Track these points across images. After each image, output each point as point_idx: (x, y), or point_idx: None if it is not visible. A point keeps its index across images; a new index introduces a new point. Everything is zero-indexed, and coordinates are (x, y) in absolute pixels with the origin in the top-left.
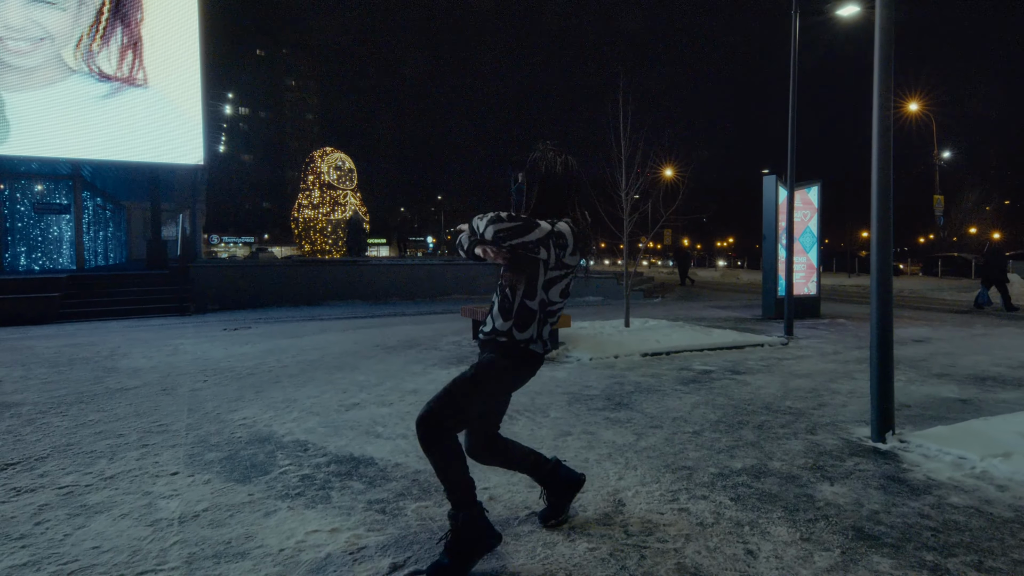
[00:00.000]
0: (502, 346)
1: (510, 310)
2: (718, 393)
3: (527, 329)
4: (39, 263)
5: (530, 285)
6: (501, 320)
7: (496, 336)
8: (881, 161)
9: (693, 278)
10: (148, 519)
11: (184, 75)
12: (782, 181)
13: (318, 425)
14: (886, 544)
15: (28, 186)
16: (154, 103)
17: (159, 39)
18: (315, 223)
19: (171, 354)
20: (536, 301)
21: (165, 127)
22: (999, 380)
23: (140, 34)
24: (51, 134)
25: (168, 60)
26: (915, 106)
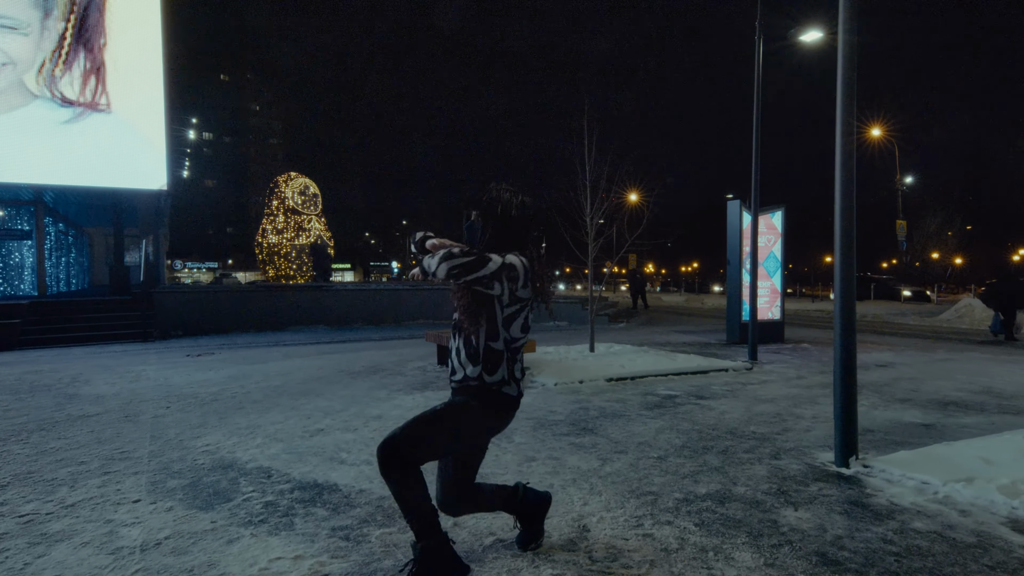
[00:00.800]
0: (474, 390)
1: (476, 355)
2: (682, 418)
3: (497, 371)
4: (0, 289)
5: (491, 325)
6: (471, 367)
7: (467, 382)
8: (844, 186)
9: (647, 302)
10: (109, 547)
11: (147, 100)
12: (746, 206)
13: (282, 451)
14: (849, 570)
15: None
16: (117, 128)
17: (122, 64)
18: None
19: (134, 380)
20: (500, 341)
21: (128, 152)
22: (962, 405)
23: (103, 59)
24: (13, 159)
25: (131, 85)
26: (878, 131)
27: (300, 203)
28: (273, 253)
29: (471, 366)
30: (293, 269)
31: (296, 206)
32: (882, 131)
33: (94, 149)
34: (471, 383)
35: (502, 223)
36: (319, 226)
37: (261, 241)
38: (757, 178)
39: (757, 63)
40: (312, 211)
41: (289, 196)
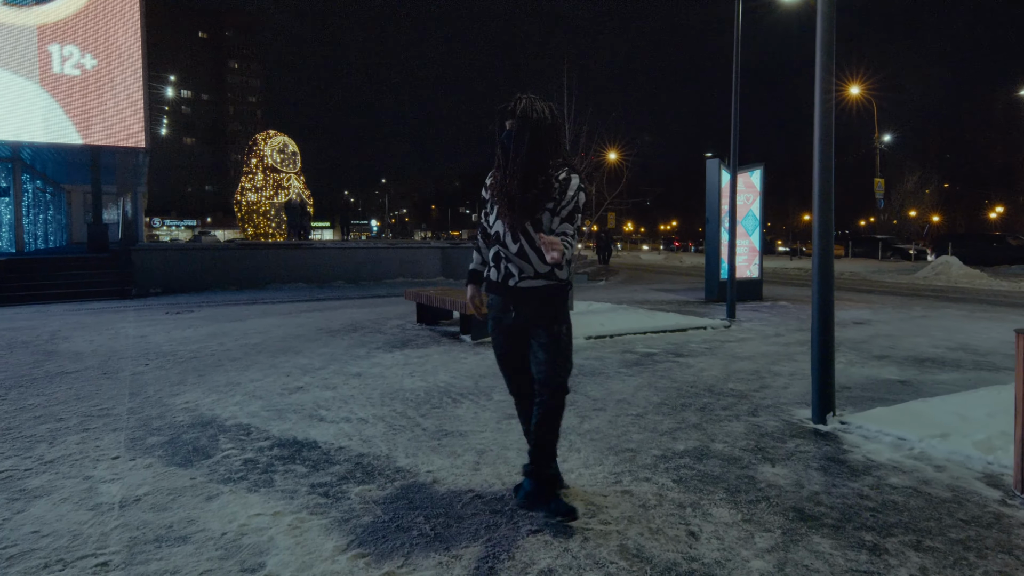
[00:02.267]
0: (551, 290)
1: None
2: (661, 376)
3: (565, 268)
4: None
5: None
6: (541, 263)
7: (541, 279)
8: (822, 144)
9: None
10: (89, 503)
11: (125, 58)
12: (725, 164)
13: (261, 409)
14: (826, 524)
15: None
16: (95, 86)
17: (100, 21)
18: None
19: (112, 338)
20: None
21: (106, 110)
22: (938, 361)
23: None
24: None
25: (109, 42)
26: (856, 90)
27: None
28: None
29: (540, 262)
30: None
31: (275, 164)
32: (861, 89)
33: (72, 106)
34: (541, 281)
35: (541, 131)
36: (298, 184)
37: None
38: (736, 137)
39: (737, 22)
40: (291, 169)
41: (268, 154)
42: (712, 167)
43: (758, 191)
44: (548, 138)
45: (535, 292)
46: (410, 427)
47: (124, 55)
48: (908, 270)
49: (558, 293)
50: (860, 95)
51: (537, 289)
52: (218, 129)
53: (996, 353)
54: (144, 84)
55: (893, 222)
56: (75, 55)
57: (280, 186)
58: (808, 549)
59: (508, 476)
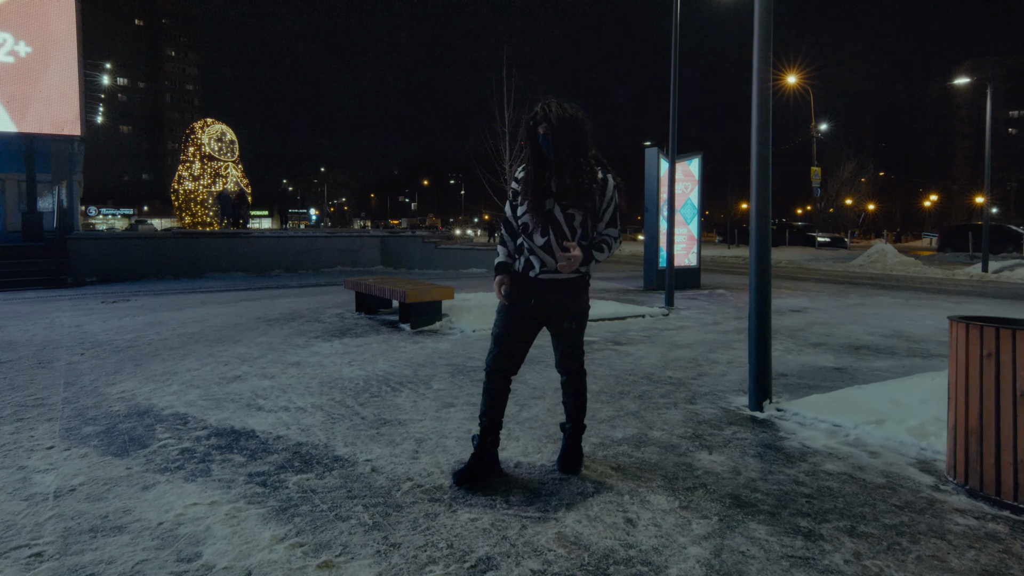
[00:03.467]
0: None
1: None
2: (600, 364)
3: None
4: None
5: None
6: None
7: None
8: (760, 133)
9: None
10: (23, 493)
11: (60, 45)
12: (664, 153)
13: (199, 398)
14: (762, 511)
15: None
16: (29, 74)
17: (35, 8)
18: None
19: (48, 327)
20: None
21: (41, 97)
22: (873, 349)
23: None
24: None
25: (44, 29)
26: (794, 79)
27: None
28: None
29: None
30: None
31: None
32: (798, 78)
33: (5, 94)
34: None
35: (574, 132)
36: (236, 173)
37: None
38: (674, 125)
39: (675, 9)
40: (229, 158)
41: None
42: (651, 156)
43: (696, 180)
44: (584, 138)
45: (557, 284)
46: (349, 416)
47: (59, 42)
48: (844, 258)
49: (581, 286)
50: (797, 84)
51: (559, 281)
52: (155, 117)
53: (930, 340)
54: (79, 71)
55: (830, 210)
56: (9, 42)
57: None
58: (744, 535)
59: (447, 464)
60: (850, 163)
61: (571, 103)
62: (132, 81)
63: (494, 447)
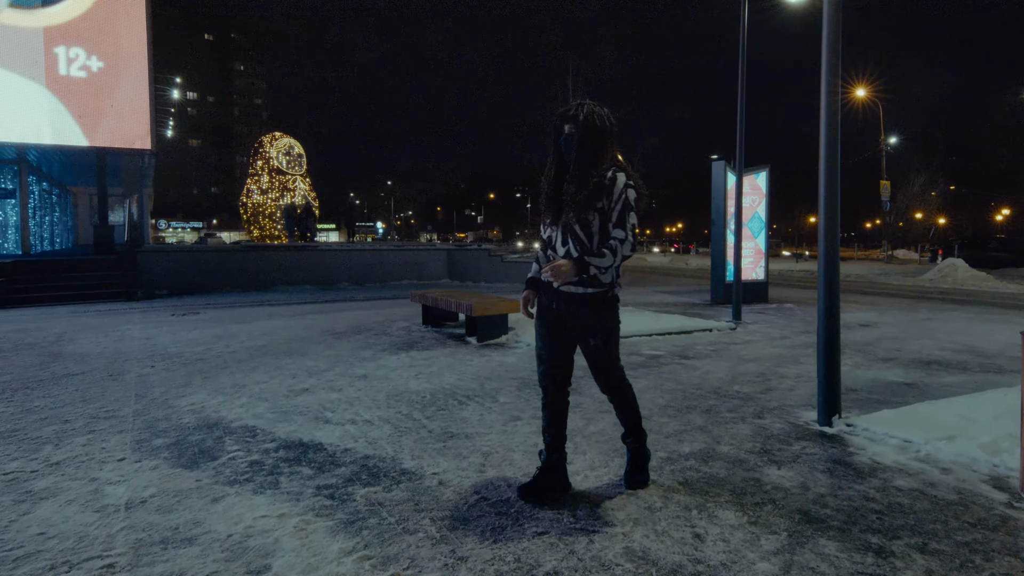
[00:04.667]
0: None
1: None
2: (667, 378)
3: (607, 272)
4: None
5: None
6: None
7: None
8: (828, 147)
9: None
10: (95, 505)
11: (131, 59)
12: (731, 166)
13: (267, 411)
14: (832, 527)
15: None
16: (101, 88)
17: (106, 24)
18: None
19: (118, 340)
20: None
21: (112, 112)
22: (944, 364)
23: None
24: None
25: (115, 44)
26: (862, 92)
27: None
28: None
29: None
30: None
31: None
32: (867, 91)
33: (78, 108)
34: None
35: (600, 137)
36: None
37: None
38: (742, 138)
39: (743, 22)
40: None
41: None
42: (718, 169)
43: (764, 193)
44: (605, 141)
45: (575, 298)
46: (416, 429)
47: (130, 57)
48: (914, 272)
49: (602, 301)
50: (866, 97)
51: (579, 295)
52: (224, 131)
53: (1002, 355)
54: (150, 86)
55: (899, 224)
56: (81, 57)
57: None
58: (814, 551)
59: (514, 478)
60: (920, 176)
61: (603, 107)
62: (201, 95)
63: (561, 462)
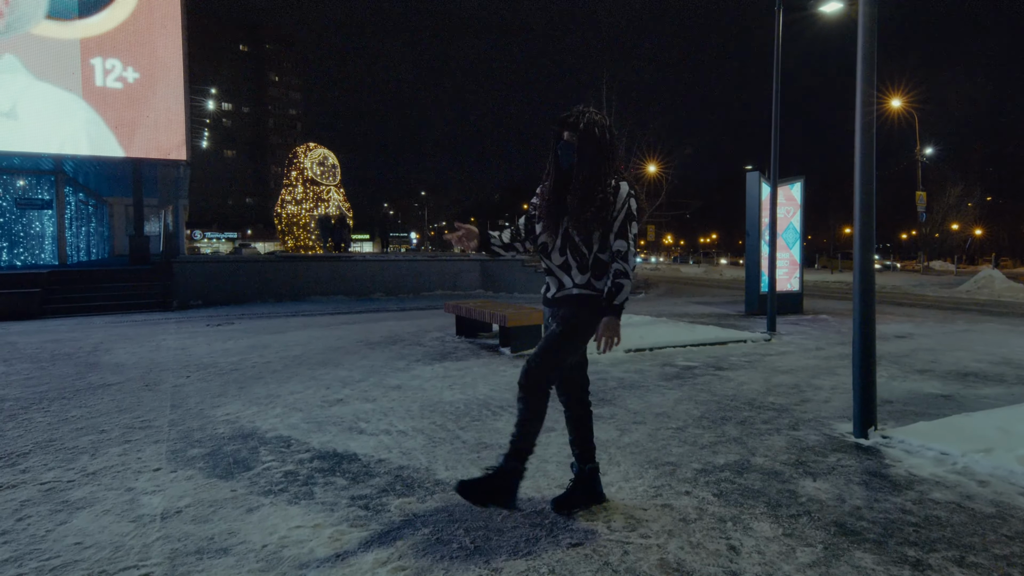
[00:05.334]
0: (581, 299)
1: (587, 265)
2: (701, 389)
3: (602, 279)
4: (21, 258)
5: (603, 240)
6: (580, 275)
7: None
8: (864, 157)
9: None
10: (131, 515)
11: (167, 71)
12: (765, 177)
13: (301, 421)
14: (868, 539)
15: (10, 181)
16: (137, 99)
17: (143, 35)
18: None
19: (154, 350)
20: (607, 254)
21: (148, 123)
22: (980, 376)
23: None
24: (33, 129)
25: (151, 56)
26: (898, 102)
27: (319, 174)
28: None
29: (579, 275)
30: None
31: (315, 177)
32: (902, 102)
33: (114, 120)
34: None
35: (603, 146)
36: (338, 197)
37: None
38: (776, 149)
39: (777, 33)
40: (331, 182)
41: (308, 167)
42: (752, 180)
43: (798, 204)
44: (608, 153)
45: (566, 300)
46: (450, 440)
47: (166, 68)
48: (950, 284)
49: (585, 302)
50: (902, 107)
51: (572, 296)
52: (258, 142)
53: None
54: (185, 97)
55: (935, 235)
56: (117, 68)
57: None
58: (850, 564)
59: (548, 489)
60: (956, 187)
61: (604, 116)
62: (236, 106)
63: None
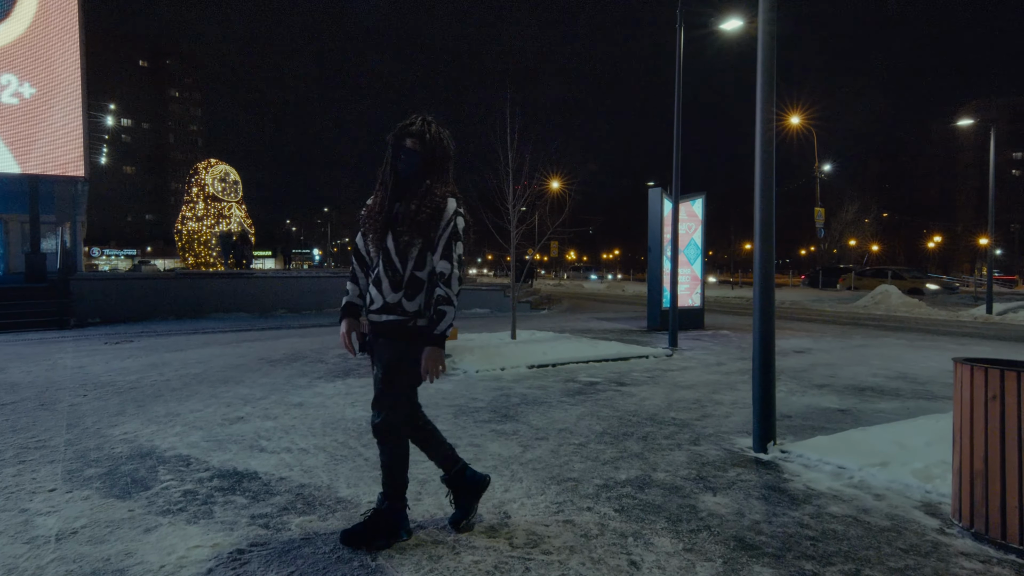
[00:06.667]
0: (392, 330)
1: (400, 281)
2: (603, 405)
3: (415, 299)
4: None
5: (421, 257)
6: (391, 293)
7: (386, 313)
8: (764, 174)
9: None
10: (24, 536)
11: (65, 86)
12: (667, 193)
13: (201, 439)
14: (767, 554)
15: None
16: (34, 115)
17: (39, 50)
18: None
19: (50, 368)
20: (425, 272)
21: (45, 138)
22: (877, 390)
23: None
24: None
25: (48, 71)
26: (797, 119)
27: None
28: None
29: (391, 292)
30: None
31: (216, 193)
32: (801, 119)
33: (10, 135)
34: (388, 315)
35: (436, 154)
36: (240, 213)
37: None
38: (678, 166)
39: (678, 51)
40: (232, 198)
41: (209, 183)
42: (654, 196)
43: (700, 220)
44: (448, 164)
45: (381, 327)
46: (352, 457)
47: (63, 84)
48: (848, 299)
49: (400, 332)
50: (801, 124)
51: (382, 324)
52: (159, 157)
53: (935, 382)
54: (83, 113)
55: (833, 251)
56: (13, 84)
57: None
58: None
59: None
60: (853, 204)
61: (445, 128)
62: (136, 122)
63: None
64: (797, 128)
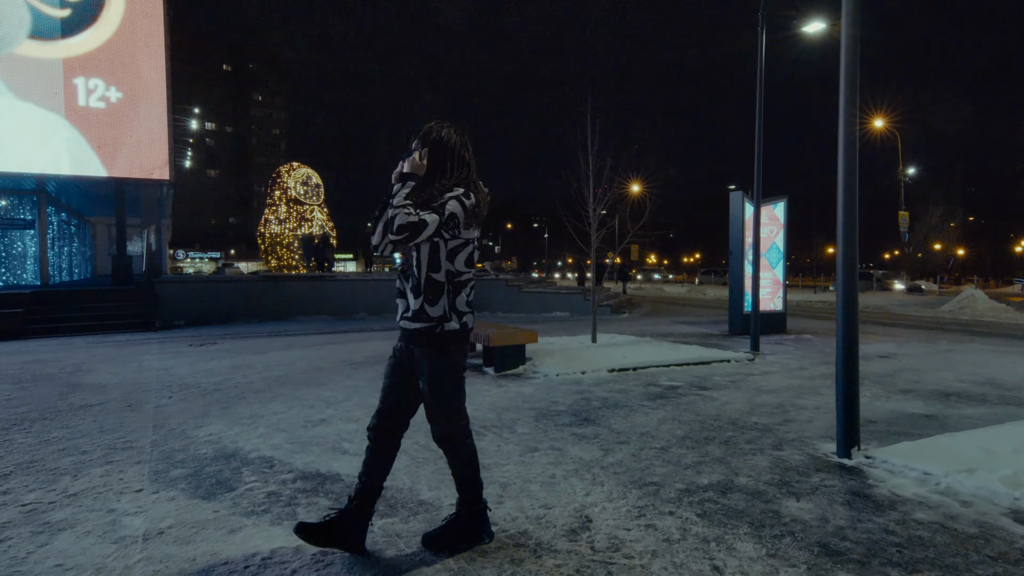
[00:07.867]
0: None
1: (419, 286)
2: (684, 409)
3: (437, 303)
4: (2, 279)
5: (433, 258)
6: (414, 299)
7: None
8: (847, 177)
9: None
10: (112, 536)
11: (150, 90)
12: (749, 197)
13: (284, 441)
14: (851, 560)
15: None
16: (120, 119)
17: (126, 55)
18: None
19: (136, 370)
20: (442, 273)
21: (131, 142)
22: (963, 396)
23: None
24: (15, 149)
25: (135, 75)
26: (880, 122)
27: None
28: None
29: (413, 298)
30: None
31: (298, 196)
32: (885, 122)
33: (97, 139)
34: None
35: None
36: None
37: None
38: (759, 169)
39: (760, 53)
40: (314, 201)
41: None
42: (735, 199)
43: (782, 224)
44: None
45: (411, 334)
46: (433, 460)
47: (149, 88)
48: (933, 304)
49: (432, 340)
50: (884, 127)
51: (412, 331)
52: (242, 161)
53: (1023, 388)
54: (168, 116)
55: (917, 256)
56: (100, 88)
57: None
58: None
59: (531, 509)
60: (938, 208)
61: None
62: (220, 126)
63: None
64: (881, 131)
